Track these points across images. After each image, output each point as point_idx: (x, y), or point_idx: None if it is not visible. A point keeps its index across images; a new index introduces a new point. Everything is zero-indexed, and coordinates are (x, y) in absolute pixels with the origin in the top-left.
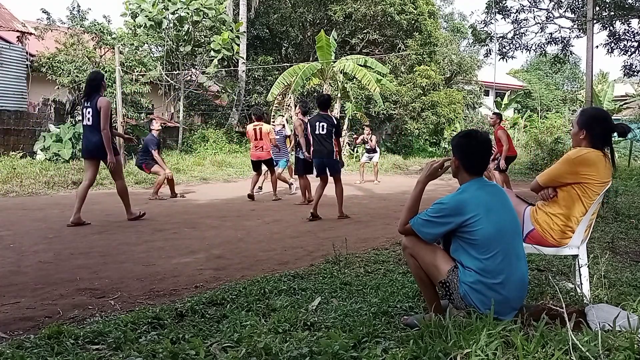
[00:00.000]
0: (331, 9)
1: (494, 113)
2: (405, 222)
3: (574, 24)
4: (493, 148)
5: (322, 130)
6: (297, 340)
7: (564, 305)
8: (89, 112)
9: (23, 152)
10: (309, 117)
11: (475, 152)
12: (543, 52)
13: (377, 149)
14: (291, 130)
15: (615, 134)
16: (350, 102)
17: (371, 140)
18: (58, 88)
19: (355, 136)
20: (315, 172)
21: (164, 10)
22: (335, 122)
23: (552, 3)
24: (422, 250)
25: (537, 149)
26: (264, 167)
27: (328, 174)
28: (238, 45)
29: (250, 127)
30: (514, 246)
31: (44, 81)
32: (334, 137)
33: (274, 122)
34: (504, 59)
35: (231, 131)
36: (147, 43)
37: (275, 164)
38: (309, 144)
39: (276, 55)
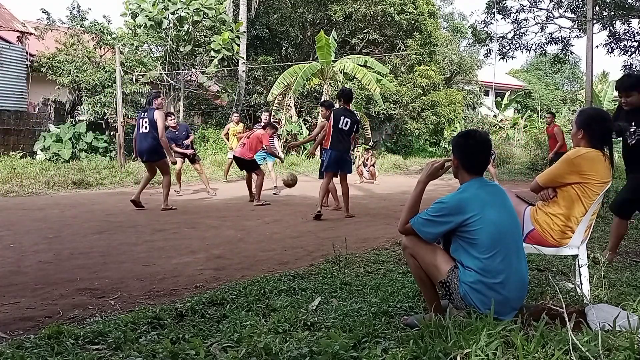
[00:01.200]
0: (331, 9)
1: (549, 112)
2: (405, 222)
3: (574, 24)
4: (494, 149)
5: (345, 126)
6: (297, 340)
7: (564, 305)
8: (145, 122)
9: (23, 152)
10: (333, 110)
11: (474, 151)
12: (543, 52)
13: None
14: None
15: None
16: (351, 102)
17: (370, 161)
18: (58, 88)
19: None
20: (326, 167)
21: (164, 10)
22: (357, 119)
23: (552, 3)
24: (422, 250)
25: (537, 149)
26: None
27: (339, 171)
28: (238, 45)
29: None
30: (514, 246)
31: (44, 81)
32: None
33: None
34: (504, 59)
35: None
36: (147, 43)
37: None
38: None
39: (276, 55)
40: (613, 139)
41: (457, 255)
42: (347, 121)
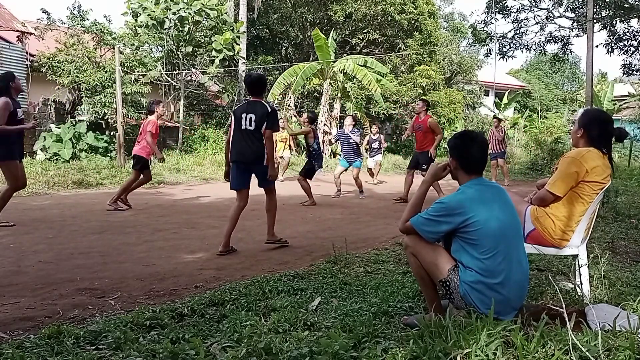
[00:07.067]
0: (331, 9)
1: (421, 99)
2: (406, 219)
3: (574, 24)
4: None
5: (250, 124)
6: (297, 340)
7: (564, 305)
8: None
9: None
10: (234, 109)
11: (471, 151)
12: (543, 51)
13: (381, 149)
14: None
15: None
16: (351, 102)
17: (380, 141)
18: (58, 88)
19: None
20: (231, 184)
21: (166, 10)
22: (267, 110)
23: (552, 2)
24: (423, 249)
25: (537, 149)
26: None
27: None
28: (239, 45)
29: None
30: (515, 246)
31: (44, 81)
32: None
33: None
34: (504, 59)
35: None
36: (148, 43)
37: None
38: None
39: (276, 55)
40: (612, 143)
41: (458, 255)
42: (250, 117)
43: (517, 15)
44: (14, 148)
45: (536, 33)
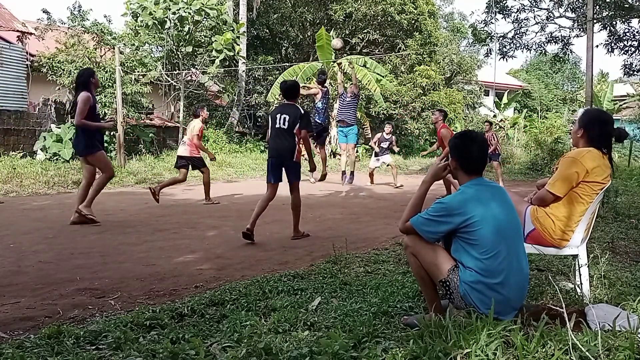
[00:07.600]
0: (331, 8)
1: (438, 110)
2: (406, 219)
3: (574, 24)
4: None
5: (284, 123)
6: (297, 340)
7: (564, 305)
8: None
9: (23, 152)
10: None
11: (471, 152)
12: (543, 51)
13: (390, 149)
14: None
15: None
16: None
17: (391, 141)
18: (58, 88)
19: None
20: (267, 176)
21: (166, 10)
22: (300, 113)
23: (553, 3)
24: (423, 249)
25: (537, 149)
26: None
27: (288, 181)
28: (239, 45)
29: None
30: (515, 246)
31: (44, 81)
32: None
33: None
34: (504, 59)
35: (231, 131)
36: (148, 43)
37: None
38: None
39: (276, 55)
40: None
41: (458, 255)
42: (284, 117)
43: (517, 15)
44: (96, 140)
45: (536, 33)
